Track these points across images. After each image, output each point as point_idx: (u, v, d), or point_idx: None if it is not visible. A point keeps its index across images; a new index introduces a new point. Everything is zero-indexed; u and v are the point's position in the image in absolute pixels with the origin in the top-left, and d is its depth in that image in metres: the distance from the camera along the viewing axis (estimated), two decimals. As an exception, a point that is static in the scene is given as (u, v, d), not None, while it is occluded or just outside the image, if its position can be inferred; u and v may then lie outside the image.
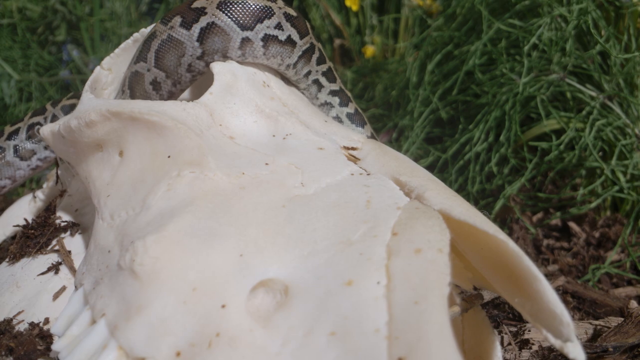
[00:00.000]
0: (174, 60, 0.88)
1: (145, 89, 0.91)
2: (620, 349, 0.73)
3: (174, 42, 0.87)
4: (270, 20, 0.86)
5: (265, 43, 0.86)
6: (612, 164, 1.22)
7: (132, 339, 0.58)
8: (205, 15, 0.85)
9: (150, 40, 0.90)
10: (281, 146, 0.81)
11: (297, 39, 0.89)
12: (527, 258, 0.61)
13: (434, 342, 0.50)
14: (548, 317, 0.59)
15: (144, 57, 0.90)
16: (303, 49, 0.91)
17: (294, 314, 0.58)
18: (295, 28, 0.89)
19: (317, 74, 0.96)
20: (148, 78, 0.90)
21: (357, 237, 0.63)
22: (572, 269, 1.24)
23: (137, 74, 0.92)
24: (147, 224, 0.68)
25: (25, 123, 1.17)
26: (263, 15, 0.86)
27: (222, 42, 0.86)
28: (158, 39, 0.88)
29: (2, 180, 1.12)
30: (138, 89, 0.92)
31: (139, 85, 0.91)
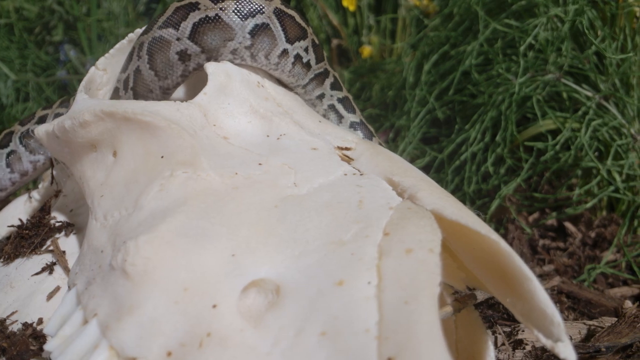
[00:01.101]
0: (217, 41, 0.87)
1: (169, 58, 0.89)
2: (612, 349, 0.73)
3: (223, 24, 0.86)
4: (303, 42, 0.92)
5: (295, 60, 0.91)
6: (607, 164, 1.22)
7: (123, 339, 0.58)
8: (262, 15, 0.87)
9: (190, 11, 0.87)
10: (275, 146, 0.81)
11: (313, 64, 0.94)
12: (518, 258, 0.61)
13: (424, 342, 0.50)
14: (539, 317, 0.59)
15: (176, 25, 0.87)
16: (316, 72, 0.96)
17: (285, 314, 0.58)
18: (315, 54, 0.94)
19: (332, 98, 1.00)
20: (176, 47, 0.88)
21: (349, 237, 0.63)
22: (568, 269, 1.24)
23: (162, 40, 0.88)
24: (140, 224, 0.68)
25: (53, 111, 1.16)
26: (302, 35, 0.91)
27: (269, 45, 0.88)
28: (201, 13, 0.86)
29: (37, 155, 1.14)
30: (159, 57, 0.89)
31: (162, 53, 0.89)
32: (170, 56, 0.89)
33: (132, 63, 0.93)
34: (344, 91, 1.03)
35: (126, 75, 0.95)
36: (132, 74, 0.93)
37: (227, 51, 0.88)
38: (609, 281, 1.20)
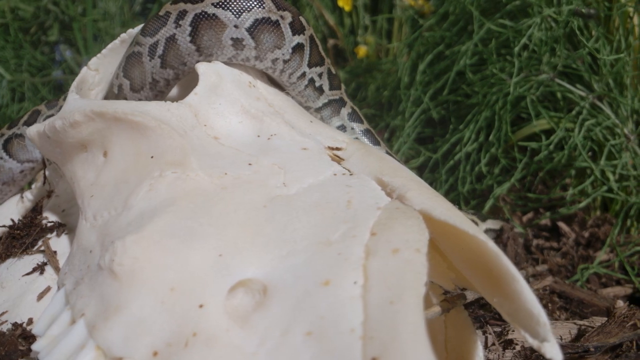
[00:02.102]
0: (269, 44, 0.87)
1: (222, 40, 0.86)
2: (601, 349, 0.73)
3: (279, 31, 0.87)
4: (319, 68, 0.96)
5: (308, 83, 0.95)
6: (601, 164, 1.22)
7: (109, 339, 0.58)
8: (303, 36, 0.91)
9: (258, 6, 0.85)
10: (265, 146, 0.81)
11: (327, 89, 0.98)
12: (505, 258, 0.61)
13: (408, 342, 0.50)
14: (525, 317, 0.59)
15: (237, 11, 0.85)
16: (330, 98, 0.99)
17: (271, 313, 0.58)
18: (329, 81, 0.99)
19: (354, 131, 1.03)
20: (231, 33, 0.85)
21: (337, 237, 0.63)
22: (562, 269, 1.24)
23: (216, 20, 0.85)
24: (128, 224, 0.68)
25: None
26: (320, 62, 0.96)
27: (297, 64, 0.92)
28: (265, 13, 0.85)
29: None
30: (208, 35, 0.85)
31: (212, 32, 0.85)
32: (222, 39, 0.86)
33: (165, 29, 0.88)
34: (365, 124, 1.05)
35: (155, 40, 0.89)
36: (163, 41, 0.89)
37: (270, 57, 0.88)
38: (602, 281, 1.20)
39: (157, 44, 0.90)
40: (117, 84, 0.95)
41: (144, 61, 0.91)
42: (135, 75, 0.93)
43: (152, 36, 0.90)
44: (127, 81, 0.93)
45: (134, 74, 0.93)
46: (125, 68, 0.94)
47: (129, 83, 0.93)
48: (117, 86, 0.95)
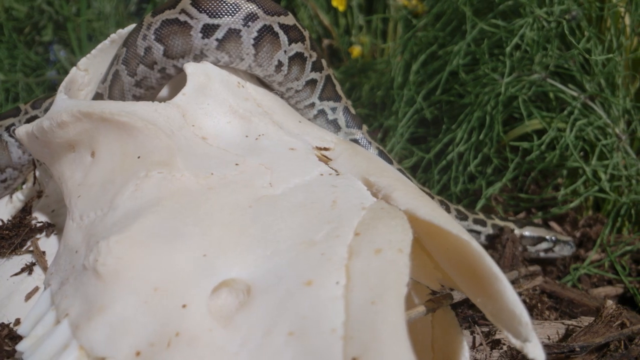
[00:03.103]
0: (296, 72, 0.92)
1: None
2: (587, 349, 0.73)
3: (301, 60, 0.93)
4: (333, 103, 1.01)
5: (317, 113, 1.00)
6: (592, 164, 1.22)
7: (92, 339, 0.58)
8: (321, 73, 0.98)
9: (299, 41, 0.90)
10: (253, 147, 0.81)
11: (343, 125, 1.03)
12: (489, 258, 0.61)
13: (388, 342, 0.50)
14: (508, 317, 0.59)
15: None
16: (349, 137, 1.04)
17: (254, 314, 0.58)
18: (345, 117, 1.03)
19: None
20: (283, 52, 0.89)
21: (320, 237, 0.63)
22: (554, 269, 1.24)
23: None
24: (114, 224, 0.68)
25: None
26: (336, 97, 1.01)
27: (308, 94, 0.97)
28: (301, 49, 0.91)
29: None
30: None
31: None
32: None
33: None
34: (395, 164, 1.09)
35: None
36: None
37: (288, 85, 0.93)
38: (593, 281, 1.20)
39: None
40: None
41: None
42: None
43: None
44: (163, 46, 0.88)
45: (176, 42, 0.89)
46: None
47: (163, 49, 0.88)
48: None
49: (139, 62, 0.89)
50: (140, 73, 0.90)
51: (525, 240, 1.18)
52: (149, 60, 0.88)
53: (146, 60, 0.89)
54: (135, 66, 0.90)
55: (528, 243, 1.18)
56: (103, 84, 0.95)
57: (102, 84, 0.95)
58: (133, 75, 0.90)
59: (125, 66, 0.91)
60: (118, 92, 0.93)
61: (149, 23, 0.87)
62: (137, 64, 0.90)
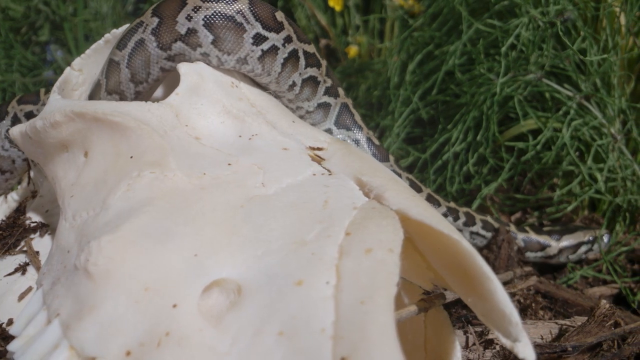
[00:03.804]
0: (308, 92, 0.97)
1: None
2: (579, 349, 0.73)
3: (314, 83, 0.97)
4: (356, 133, 1.05)
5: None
6: (587, 164, 1.22)
7: (83, 339, 0.58)
8: (338, 99, 1.03)
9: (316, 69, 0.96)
10: (246, 147, 0.81)
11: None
12: (480, 258, 0.61)
13: (377, 342, 0.50)
14: (498, 316, 0.59)
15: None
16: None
17: (245, 313, 0.58)
18: (370, 149, 1.07)
19: None
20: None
21: (311, 237, 0.63)
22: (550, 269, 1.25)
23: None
24: (105, 224, 0.68)
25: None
26: (356, 127, 1.05)
27: (322, 117, 1.02)
28: (319, 77, 0.97)
29: None
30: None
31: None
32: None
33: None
34: (424, 190, 1.12)
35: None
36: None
37: (298, 105, 0.98)
38: (589, 281, 1.20)
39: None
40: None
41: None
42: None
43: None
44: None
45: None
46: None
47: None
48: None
49: (177, 38, 0.86)
50: (175, 49, 0.87)
51: (566, 251, 1.17)
52: (192, 42, 0.86)
53: (188, 40, 0.86)
54: (171, 41, 0.86)
55: (569, 253, 1.17)
56: (121, 51, 0.90)
57: (120, 51, 0.90)
58: (166, 50, 0.87)
59: (155, 37, 0.87)
60: (141, 62, 0.90)
61: (197, 6, 0.85)
62: (174, 40, 0.86)
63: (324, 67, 0.99)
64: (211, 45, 0.85)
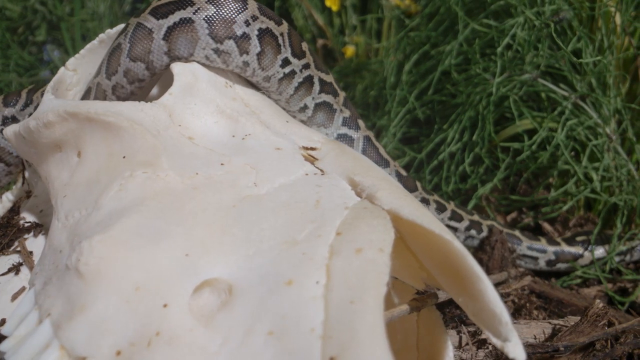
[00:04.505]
0: (323, 118, 1.02)
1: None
2: (571, 349, 0.73)
3: (328, 110, 1.02)
4: (384, 169, 1.06)
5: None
6: (583, 164, 1.22)
7: (73, 339, 0.58)
8: (358, 133, 1.06)
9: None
10: (239, 146, 0.81)
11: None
12: (471, 258, 0.61)
13: (366, 341, 0.50)
14: (488, 316, 0.59)
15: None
16: None
17: (235, 313, 0.58)
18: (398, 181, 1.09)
19: None
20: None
21: (302, 237, 0.63)
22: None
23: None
24: (97, 224, 0.68)
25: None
26: (382, 162, 1.08)
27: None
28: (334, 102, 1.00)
29: None
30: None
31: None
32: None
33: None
34: (449, 207, 1.15)
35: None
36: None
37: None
38: (585, 282, 1.20)
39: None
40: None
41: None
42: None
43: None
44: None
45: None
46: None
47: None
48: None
49: (231, 37, 0.86)
50: (226, 46, 0.87)
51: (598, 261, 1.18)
52: (243, 47, 0.87)
53: (240, 44, 0.87)
54: (225, 37, 0.87)
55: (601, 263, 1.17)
56: (157, 19, 0.87)
57: (156, 19, 0.87)
58: (216, 41, 0.87)
59: (208, 25, 0.86)
60: (185, 41, 0.87)
61: (254, 15, 0.87)
62: (227, 37, 0.87)
63: (342, 97, 1.04)
64: (255, 57, 0.88)
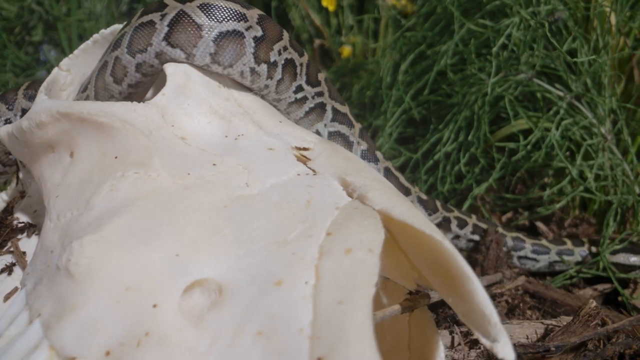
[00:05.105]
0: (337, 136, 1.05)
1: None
2: (562, 349, 0.73)
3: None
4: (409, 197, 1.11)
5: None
6: (577, 164, 1.23)
7: (63, 339, 0.58)
8: (377, 165, 1.10)
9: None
10: (232, 147, 0.81)
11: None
12: (461, 258, 0.61)
13: (354, 342, 0.50)
14: (478, 317, 0.59)
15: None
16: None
17: (225, 313, 0.58)
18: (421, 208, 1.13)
19: None
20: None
21: (293, 237, 0.63)
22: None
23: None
24: (88, 224, 0.68)
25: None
26: (404, 190, 1.12)
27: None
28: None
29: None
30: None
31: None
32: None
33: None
34: (470, 221, 1.18)
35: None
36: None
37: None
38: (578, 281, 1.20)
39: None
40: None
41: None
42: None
43: None
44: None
45: None
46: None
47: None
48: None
49: (266, 62, 0.90)
50: (261, 69, 0.90)
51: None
52: (271, 72, 0.91)
53: (269, 70, 0.91)
54: (262, 60, 0.89)
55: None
56: (209, 20, 0.87)
57: (208, 20, 0.87)
58: (257, 62, 0.89)
59: (255, 45, 0.88)
60: (232, 51, 0.88)
61: (285, 46, 0.92)
62: (264, 61, 0.89)
63: (357, 129, 1.07)
64: (276, 83, 0.92)
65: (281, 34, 0.92)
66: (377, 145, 1.54)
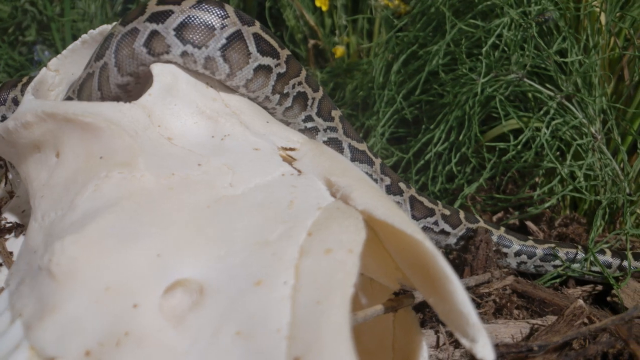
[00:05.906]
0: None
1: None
2: (544, 348, 0.73)
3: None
4: (433, 218, 1.15)
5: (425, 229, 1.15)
6: (567, 163, 1.23)
7: (43, 339, 0.58)
8: (404, 194, 1.13)
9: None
10: (218, 147, 0.81)
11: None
12: (441, 258, 0.61)
13: (330, 342, 0.50)
14: (457, 317, 0.59)
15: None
16: None
17: (205, 313, 0.58)
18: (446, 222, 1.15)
19: None
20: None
21: (274, 237, 0.63)
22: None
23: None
24: (71, 224, 0.68)
25: None
26: (429, 212, 1.15)
27: (422, 209, 1.14)
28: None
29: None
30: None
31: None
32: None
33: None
34: (497, 232, 1.18)
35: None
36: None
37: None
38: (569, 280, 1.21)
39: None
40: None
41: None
42: None
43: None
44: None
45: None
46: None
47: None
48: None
49: (281, 93, 0.97)
50: (274, 98, 0.97)
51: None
52: (282, 101, 0.98)
53: (282, 100, 0.98)
54: (279, 91, 0.96)
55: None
56: (249, 26, 0.90)
57: (249, 26, 0.90)
58: (277, 91, 0.96)
59: (277, 79, 0.95)
60: (258, 83, 0.94)
61: (300, 82, 0.99)
62: (279, 92, 0.96)
63: (378, 165, 1.10)
64: (284, 109, 0.99)
65: (300, 71, 1.00)
66: (375, 151, 1.54)
